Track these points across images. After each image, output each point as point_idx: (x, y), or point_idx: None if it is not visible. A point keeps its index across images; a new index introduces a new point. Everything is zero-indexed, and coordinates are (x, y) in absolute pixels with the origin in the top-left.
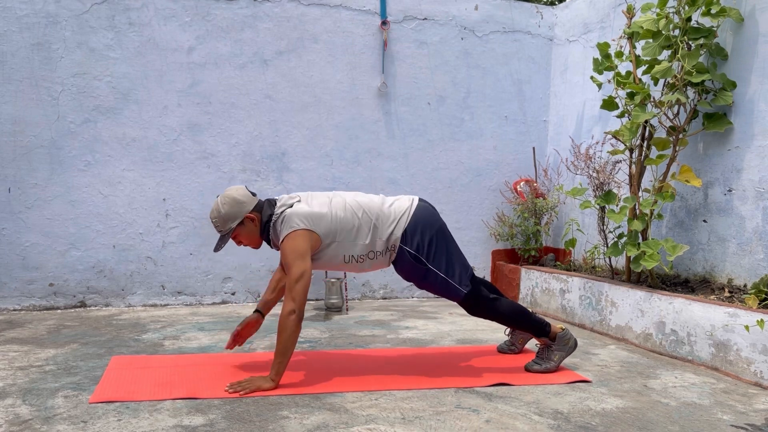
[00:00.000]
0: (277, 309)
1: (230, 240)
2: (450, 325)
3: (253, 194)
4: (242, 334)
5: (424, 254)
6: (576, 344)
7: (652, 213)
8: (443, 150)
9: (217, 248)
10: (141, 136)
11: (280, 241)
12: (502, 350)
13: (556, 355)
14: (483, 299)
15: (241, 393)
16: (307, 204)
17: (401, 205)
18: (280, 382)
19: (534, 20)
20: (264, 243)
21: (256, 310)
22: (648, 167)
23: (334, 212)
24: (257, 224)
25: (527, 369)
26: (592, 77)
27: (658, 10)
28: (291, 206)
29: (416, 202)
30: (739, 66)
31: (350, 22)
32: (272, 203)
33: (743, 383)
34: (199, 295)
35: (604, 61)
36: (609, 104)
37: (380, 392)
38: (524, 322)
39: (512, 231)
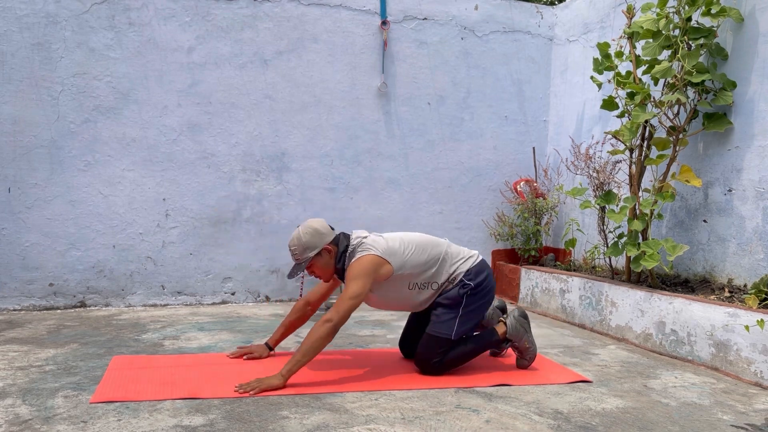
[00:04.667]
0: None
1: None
2: None
3: (332, 228)
4: (243, 351)
5: (473, 293)
6: (521, 314)
7: (652, 213)
8: (443, 150)
9: (291, 275)
10: (141, 136)
11: (350, 263)
12: (493, 353)
13: (525, 342)
14: (451, 352)
15: (250, 393)
16: (383, 238)
17: (470, 251)
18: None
19: (534, 20)
20: (336, 276)
21: (266, 344)
22: (648, 167)
23: (407, 248)
24: (332, 256)
25: (519, 366)
26: (592, 77)
27: (658, 10)
28: (366, 237)
29: (481, 257)
30: (739, 66)
31: (350, 22)
32: (347, 236)
33: (743, 383)
34: (199, 295)
35: (604, 61)
36: (609, 104)
37: (380, 392)
38: (480, 352)
39: (512, 231)
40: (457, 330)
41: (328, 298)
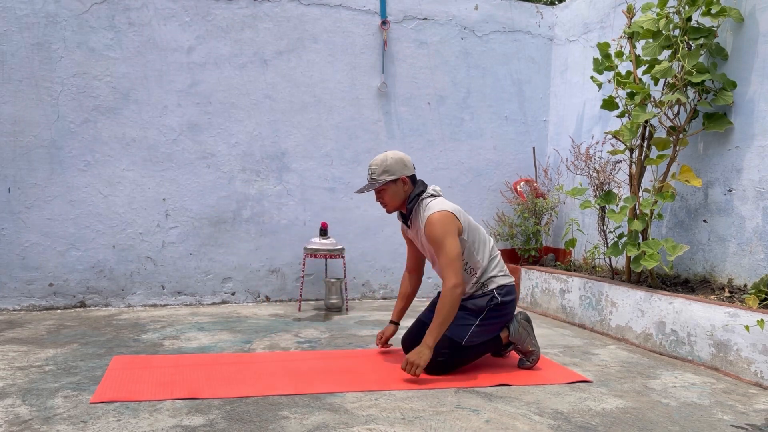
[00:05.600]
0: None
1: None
2: None
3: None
4: (383, 338)
5: (498, 309)
6: (524, 317)
7: (652, 213)
8: (443, 150)
9: (361, 190)
10: (141, 136)
11: (426, 217)
12: (495, 354)
13: (528, 345)
14: (456, 352)
15: (418, 374)
16: (452, 203)
17: (508, 273)
18: (279, 384)
19: (534, 20)
20: (397, 213)
21: (392, 321)
22: (648, 167)
23: (472, 224)
24: (406, 190)
25: (521, 367)
26: (592, 77)
27: (658, 10)
28: (440, 197)
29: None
30: (739, 66)
31: (350, 22)
32: (424, 184)
33: (743, 383)
34: (198, 295)
35: (604, 61)
36: (609, 104)
37: (380, 392)
38: (482, 354)
39: (512, 231)
40: (469, 337)
41: (423, 263)
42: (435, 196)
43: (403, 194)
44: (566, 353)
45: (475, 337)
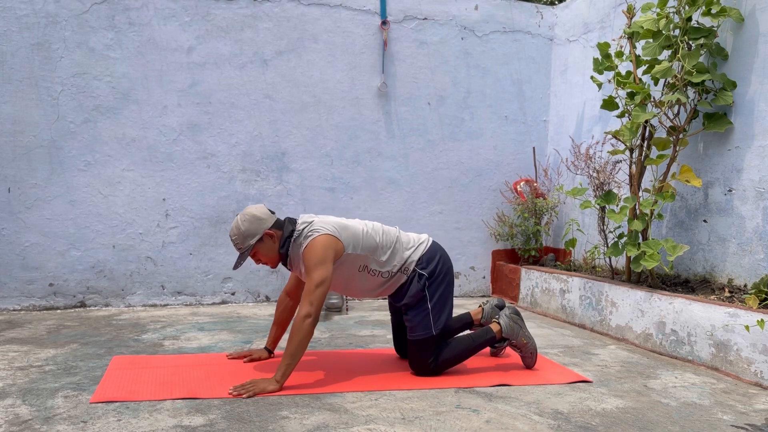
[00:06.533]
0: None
1: (248, 258)
2: None
3: (272, 212)
4: (246, 357)
5: (432, 282)
6: (513, 311)
7: (652, 213)
8: (443, 150)
9: (236, 266)
10: (141, 136)
11: (303, 248)
12: (493, 354)
13: (521, 338)
14: (441, 345)
15: (244, 395)
16: (331, 218)
17: (419, 236)
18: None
19: (534, 20)
20: (282, 263)
21: (266, 347)
22: (648, 167)
23: (357, 227)
24: (276, 241)
25: (524, 365)
26: (592, 77)
27: (658, 10)
28: (313, 221)
29: (431, 239)
30: (739, 66)
31: (350, 22)
32: (293, 221)
33: (743, 383)
34: (198, 295)
35: (604, 61)
36: (609, 104)
37: (380, 392)
38: (475, 351)
39: (512, 231)
40: (435, 323)
41: (303, 286)
42: (305, 227)
43: (275, 245)
44: (566, 353)
45: (438, 318)
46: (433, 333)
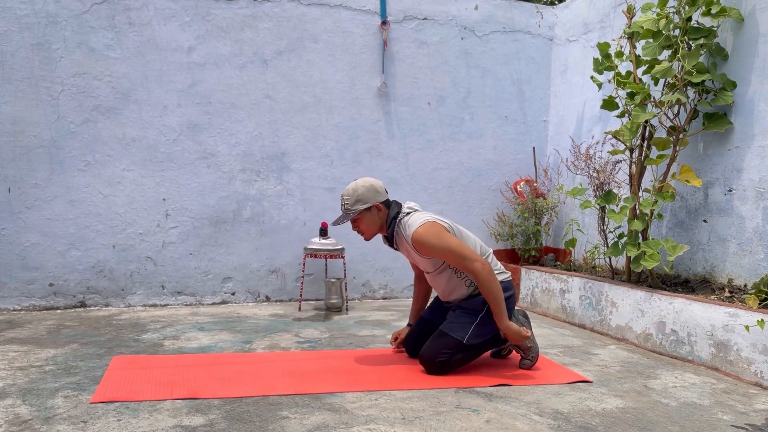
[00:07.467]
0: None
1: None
2: None
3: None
4: (398, 340)
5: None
6: (522, 314)
7: (652, 213)
8: (443, 150)
9: (336, 222)
10: (141, 136)
11: (410, 238)
12: (495, 355)
13: (527, 342)
14: (460, 353)
15: (526, 336)
16: (432, 213)
17: (503, 268)
18: (279, 384)
19: (534, 20)
20: (379, 236)
21: (408, 324)
22: (648, 167)
23: (457, 228)
24: (381, 216)
25: (522, 367)
26: (592, 77)
27: (658, 10)
28: (416, 210)
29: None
30: (739, 66)
31: (350, 22)
32: (398, 204)
33: (743, 383)
34: (199, 295)
35: (604, 61)
36: (609, 104)
37: (380, 392)
38: (483, 352)
39: (512, 231)
40: (470, 336)
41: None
42: (411, 212)
43: (379, 221)
44: (566, 353)
45: (475, 337)
46: (463, 341)
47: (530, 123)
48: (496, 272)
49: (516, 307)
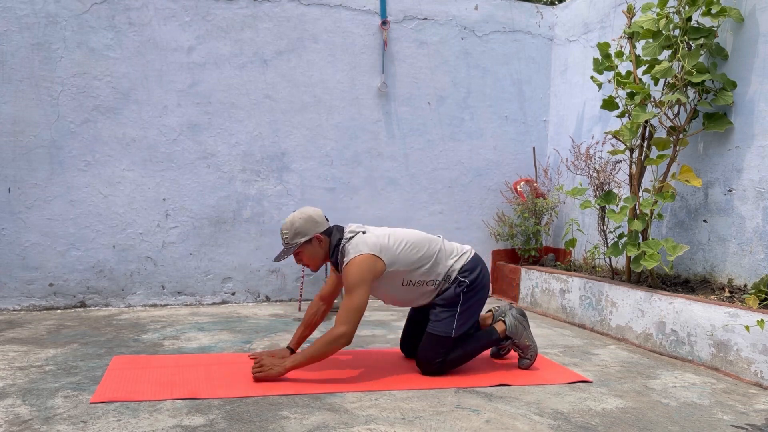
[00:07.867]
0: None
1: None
2: None
3: (327, 219)
4: (268, 354)
5: (469, 290)
6: (519, 312)
7: (652, 213)
8: (443, 150)
9: (278, 258)
10: (141, 136)
11: (345, 263)
12: (494, 355)
13: (524, 339)
14: (454, 348)
15: (257, 378)
16: (374, 234)
17: (462, 246)
18: (279, 384)
19: (534, 20)
20: (322, 267)
21: (288, 347)
22: (648, 167)
23: (399, 244)
24: (323, 246)
25: (521, 367)
26: (592, 77)
27: (658, 10)
28: (359, 234)
29: (473, 251)
30: (739, 66)
31: (350, 22)
32: (340, 229)
33: (743, 383)
34: (199, 295)
35: (604, 61)
36: (609, 104)
37: (380, 392)
38: (480, 351)
39: (512, 231)
40: (456, 328)
41: (339, 292)
42: (353, 235)
43: (321, 251)
44: (566, 353)
45: (461, 325)
46: (451, 336)
47: (530, 123)
48: (455, 258)
49: (515, 306)
